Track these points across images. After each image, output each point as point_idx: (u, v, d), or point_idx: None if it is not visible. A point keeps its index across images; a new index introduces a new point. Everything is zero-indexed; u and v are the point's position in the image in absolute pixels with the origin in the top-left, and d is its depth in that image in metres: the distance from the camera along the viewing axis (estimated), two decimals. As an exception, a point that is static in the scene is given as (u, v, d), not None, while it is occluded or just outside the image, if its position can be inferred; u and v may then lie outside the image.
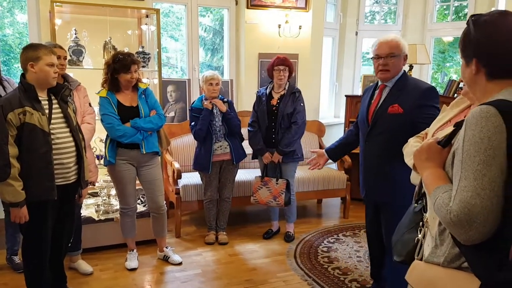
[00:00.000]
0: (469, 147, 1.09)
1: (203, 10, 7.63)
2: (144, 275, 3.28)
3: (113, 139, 3.11)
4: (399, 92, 2.45)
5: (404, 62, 2.50)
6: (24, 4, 4.77)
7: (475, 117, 1.10)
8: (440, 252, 1.20)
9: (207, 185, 3.82)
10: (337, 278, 3.22)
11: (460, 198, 1.07)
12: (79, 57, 3.90)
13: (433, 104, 2.37)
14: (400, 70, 2.51)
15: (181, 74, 7.82)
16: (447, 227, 1.13)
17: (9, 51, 7.40)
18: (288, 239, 3.93)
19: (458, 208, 1.06)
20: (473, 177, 1.06)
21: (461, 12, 6.81)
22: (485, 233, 1.05)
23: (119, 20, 4.35)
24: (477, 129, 1.08)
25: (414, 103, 2.37)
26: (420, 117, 2.30)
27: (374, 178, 2.57)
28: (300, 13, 5.13)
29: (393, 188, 2.43)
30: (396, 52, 2.46)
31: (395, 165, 2.37)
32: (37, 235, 2.50)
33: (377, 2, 6.94)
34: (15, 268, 3.22)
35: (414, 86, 2.44)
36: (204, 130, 3.64)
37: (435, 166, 1.25)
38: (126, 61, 3.05)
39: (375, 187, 2.58)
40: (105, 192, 3.78)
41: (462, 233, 1.07)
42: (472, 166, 1.07)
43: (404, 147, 1.98)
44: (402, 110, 2.39)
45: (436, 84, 7.98)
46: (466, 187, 1.07)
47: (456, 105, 1.72)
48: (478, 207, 1.04)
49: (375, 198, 2.61)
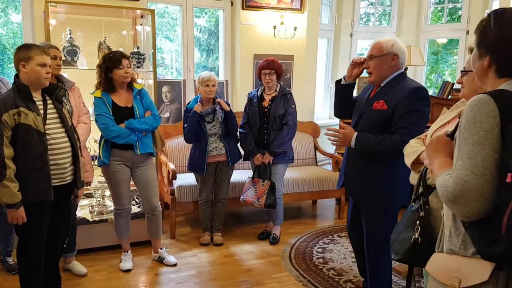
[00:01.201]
0: (464, 130, 1.16)
1: (198, 11, 7.62)
2: (138, 276, 3.27)
3: (108, 139, 3.10)
4: (389, 89, 2.41)
5: (393, 62, 2.40)
6: (18, 4, 4.75)
7: (470, 104, 1.17)
8: (456, 240, 1.24)
9: (202, 186, 3.82)
10: (332, 279, 3.23)
11: (455, 175, 1.14)
12: (73, 58, 3.88)
13: (418, 107, 2.30)
14: (388, 70, 2.41)
15: (176, 74, 7.81)
16: (446, 205, 1.21)
17: (2, 51, 7.36)
18: (273, 241, 3.92)
19: (453, 185, 1.13)
20: (467, 156, 1.13)
21: (455, 14, 6.85)
22: (480, 208, 1.11)
23: (114, 21, 4.34)
24: (470, 114, 1.15)
25: (399, 101, 2.31)
26: (397, 114, 2.28)
27: (355, 177, 2.54)
28: (295, 15, 5.14)
29: (373, 187, 2.42)
30: (375, 53, 2.40)
31: (376, 163, 2.40)
32: (33, 236, 2.48)
33: (372, 4, 6.97)
34: (9, 270, 3.19)
35: (404, 85, 2.38)
36: (192, 132, 3.65)
37: (443, 156, 1.31)
38: (116, 56, 3.07)
39: (355, 185, 2.56)
40: (99, 193, 3.77)
41: (459, 209, 1.14)
42: (466, 147, 1.14)
43: (404, 148, 1.98)
44: (386, 107, 2.34)
45: (431, 85, 8.02)
46: (461, 166, 1.14)
47: (456, 108, 1.75)
48: (472, 183, 1.11)
49: (356, 195, 2.60)
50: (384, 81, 2.45)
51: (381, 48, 2.39)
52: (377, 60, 2.40)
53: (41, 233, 2.49)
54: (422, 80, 6.13)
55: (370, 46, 2.48)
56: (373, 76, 2.44)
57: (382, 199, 2.44)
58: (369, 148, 2.35)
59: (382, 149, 2.31)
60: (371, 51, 2.43)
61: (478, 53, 1.27)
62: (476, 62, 1.29)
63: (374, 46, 2.43)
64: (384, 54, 2.38)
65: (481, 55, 1.26)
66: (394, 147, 2.23)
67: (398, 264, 3.37)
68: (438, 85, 6.27)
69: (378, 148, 2.32)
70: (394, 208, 2.50)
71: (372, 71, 2.43)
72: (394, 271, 3.31)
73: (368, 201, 2.50)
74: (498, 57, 1.22)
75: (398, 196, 2.41)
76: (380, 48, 2.39)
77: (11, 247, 3.23)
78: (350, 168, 2.59)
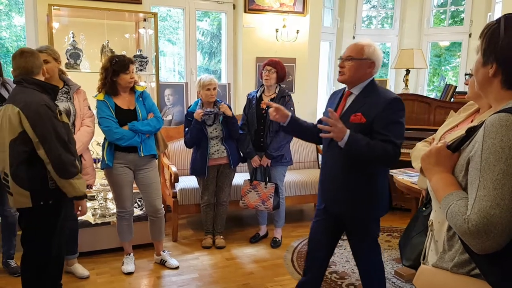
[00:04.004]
0: (489, 155, 1.06)
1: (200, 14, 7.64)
2: (140, 279, 3.26)
3: (111, 142, 3.11)
4: (364, 99, 2.26)
5: (369, 69, 2.28)
6: (22, 7, 4.77)
7: (495, 125, 1.06)
8: (449, 258, 1.19)
9: (204, 189, 3.82)
10: (334, 283, 3.22)
11: (479, 207, 1.04)
12: (76, 61, 3.89)
13: (397, 119, 2.19)
14: (362, 76, 2.29)
15: (178, 77, 7.82)
16: (462, 236, 1.09)
17: (5, 54, 7.40)
18: (274, 245, 3.91)
19: (477, 218, 1.03)
20: (492, 186, 1.04)
21: (457, 17, 6.85)
22: (501, 243, 1.03)
23: (116, 24, 4.35)
24: (497, 138, 1.05)
25: (377, 114, 2.18)
26: (377, 127, 2.17)
27: (335, 191, 2.36)
28: (298, 18, 5.14)
29: (355, 200, 2.30)
30: (355, 55, 2.27)
31: (358, 177, 2.28)
32: (47, 240, 2.44)
33: (374, 7, 6.97)
34: (11, 272, 3.20)
35: (380, 96, 2.24)
36: (194, 139, 3.66)
37: (445, 171, 1.21)
38: (124, 61, 3.08)
39: (336, 199, 2.38)
40: (101, 195, 3.77)
41: (479, 242, 1.04)
42: (492, 175, 1.04)
43: (411, 151, 1.96)
44: (365, 119, 2.20)
45: (433, 89, 8.01)
46: (486, 197, 1.04)
47: (464, 111, 1.72)
48: (497, 217, 1.02)
49: (337, 209, 2.41)
50: (356, 88, 2.32)
51: (362, 51, 2.26)
52: (355, 62, 2.27)
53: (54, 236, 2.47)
54: (424, 83, 6.13)
55: (348, 47, 2.35)
56: (346, 76, 2.30)
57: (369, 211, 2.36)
58: (360, 149, 2.15)
59: (374, 154, 2.16)
60: (351, 52, 2.28)
61: (483, 59, 1.18)
62: (480, 69, 1.20)
63: (354, 47, 2.29)
64: (364, 58, 2.27)
65: (487, 62, 1.17)
66: (385, 155, 2.14)
67: (401, 268, 3.36)
68: (441, 88, 6.26)
69: (370, 151, 2.15)
70: (378, 220, 2.46)
71: (346, 72, 2.28)
72: (397, 274, 3.30)
73: (351, 214, 2.37)
74: (508, 66, 1.13)
75: (382, 207, 2.38)
76: (361, 51, 2.27)
77: (13, 249, 3.23)
78: (329, 183, 2.41)
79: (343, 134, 2.12)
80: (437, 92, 7.73)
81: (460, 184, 1.17)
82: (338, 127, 2.12)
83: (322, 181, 2.46)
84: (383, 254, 3.72)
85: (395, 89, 6.06)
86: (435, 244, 1.30)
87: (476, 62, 1.22)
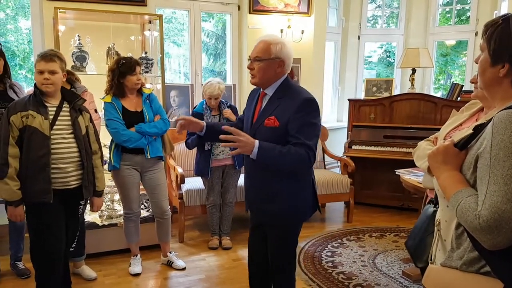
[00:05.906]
0: (498, 151, 1.06)
1: (205, 16, 7.65)
2: (147, 281, 3.27)
3: (118, 144, 3.13)
4: (278, 100, 2.16)
5: (279, 69, 2.16)
6: (28, 11, 4.80)
7: (503, 121, 1.07)
8: (457, 256, 1.18)
9: (210, 190, 3.82)
10: (341, 283, 3.21)
11: (490, 202, 1.04)
12: (82, 63, 3.91)
13: (310, 120, 2.09)
14: (273, 77, 2.17)
15: (184, 79, 7.84)
16: (472, 233, 1.09)
17: (12, 57, 7.45)
18: None
19: (489, 213, 1.04)
20: (503, 181, 1.04)
21: (463, 15, 6.81)
22: (511, 239, 1.03)
23: (122, 26, 4.37)
24: (506, 133, 1.06)
25: (290, 116, 2.08)
26: (292, 130, 2.07)
27: (259, 199, 2.28)
28: (303, 18, 5.14)
29: (277, 208, 2.20)
30: (262, 55, 2.14)
31: (279, 183, 2.18)
32: (40, 238, 2.50)
33: (380, 6, 6.95)
34: (19, 274, 3.21)
35: (293, 96, 2.13)
36: (194, 146, 3.67)
37: (453, 169, 1.21)
38: (131, 62, 3.11)
39: (260, 208, 2.30)
40: (108, 197, 3.79)
41: (490, 238, 1.04)
42: (502, 170, 1.05)
43: (414, 150, 1.94)
44: (278, 123, 2.10)
45: (439, 87, 7.98)
46: (496, 192, 1.04)
47: (467, 110, 1.71)
48: (509, 212, 1.02)
49: (261, 218, 2.34)
50: (269, 89, 2.21)
51: (269, 51, 2.13)
52: (262, 64, 2.14)
53: (49, 234, 2.50)
54: (430, 82, 6.10)
55: (256, 45, 2.20)
56: (257, 78, 2.19)
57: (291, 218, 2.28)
58: (273, 157, 2.05)
59: (288, 161, 2.05)
60: (258, 52, 2.15)
61: (492, 60, 1.18)
62: (487, 69, 1.20)
63: (261, 47, 2.15)
64: (271, 58, 2.13)
65: (495, 62, 1.16)
66: (299, 159, 2.04)
67: (409, 268, 3.35)
68: (447, 87, 6.22)
69: (283, 160, 2.05)
70: (300, 225, 2.39)
71: (256, 74, 2.17)
72: (404, 275, 3.28)
73: (274, 222, 2.27)
74: None
75: (305, 212, 2.31)
76: (268, 50, 2.13)
77: (21, 252, 3.26)
78: (252, 191, 2.33)
79: (251, 147, 2.02)
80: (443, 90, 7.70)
81: (468, 182, 1.17)
82: (242, 141, 2.02)
83: (247, 189, 2.39)
84: (390, 254, 3.73)
85: (401, 88, 6.04)
86: (442, 243, 1.29)
87: (482, 62, 1.21)
